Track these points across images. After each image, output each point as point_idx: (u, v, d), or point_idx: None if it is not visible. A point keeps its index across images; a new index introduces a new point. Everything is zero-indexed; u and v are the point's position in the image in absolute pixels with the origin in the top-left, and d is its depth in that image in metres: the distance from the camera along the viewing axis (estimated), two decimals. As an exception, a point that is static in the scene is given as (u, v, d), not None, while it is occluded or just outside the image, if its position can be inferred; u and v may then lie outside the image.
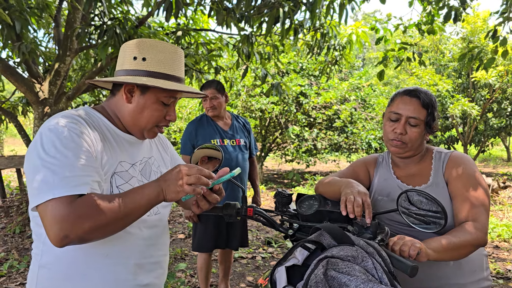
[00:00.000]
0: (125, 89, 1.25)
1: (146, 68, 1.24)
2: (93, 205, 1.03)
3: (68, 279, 1.16)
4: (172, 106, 1.31)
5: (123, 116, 1.29)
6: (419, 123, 1.51)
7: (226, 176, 1.23)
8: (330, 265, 1.07)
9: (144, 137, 1.34)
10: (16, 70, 4.99)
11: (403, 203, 1.28)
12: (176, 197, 1.12)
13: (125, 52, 1.29)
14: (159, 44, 1.28)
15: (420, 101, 1.51)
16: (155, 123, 1.30)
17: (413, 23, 4.18)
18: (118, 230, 1.11)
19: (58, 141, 1.07)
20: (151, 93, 1.25)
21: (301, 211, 1.47)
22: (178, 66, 1.31)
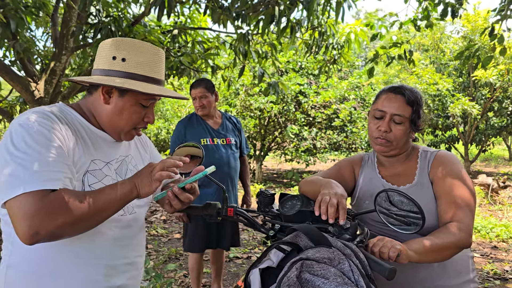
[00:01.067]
0: (102, 90, 1.22)
1: (126, 70, 1.21)
2: (65, 200, 1.01)
3: (37, 279, 1.14)
4: (150, 108, 1.29)
5: (100, 116, 1.26)
6: (404, 121, 1.47)
7: (198, 174, 1.20)
8: (304, 268, 1.03)
9: (121, 139, 1.31)
10: (11, 68, 4.96)
11: (383, 203, 1.25)
12: (149, 190, 1.10)
13: (103, 51, 1.26)
14: (139, 45, 1.24)
15: (405, 98, 1.47)
16: (133, 125, 1.27)
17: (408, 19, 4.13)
18: (91, 227, 1.09)
19: (28, 136, 1.05)
20: (130, 95, 1.22)
21: (284, 211, 1.43)
22: (158, 68, 1.28)
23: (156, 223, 6.13)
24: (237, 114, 9.73)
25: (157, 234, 5.50)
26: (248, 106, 9.51)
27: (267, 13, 4.43)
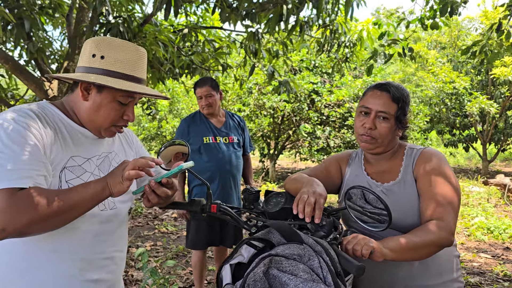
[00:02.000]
0: (81, 87, 1.25)
1: (104, 67, 1.23)
2: (33, 198, 1.03)
3: (16, 272, 1.17)
4: (130, 106, 1.30)
5: (79, 113, 1.29)
6: (389, 118, 1.46)
7: (174, 169, 1.21)
8: (273, 264, 1.04)
9: (102, 136, 1.33)
10: (25, 68, 5.09)
11: (358, 201, 1.25)
12: (121, 189, 1.12)
13: (85, 49, 1.29)
14: (120, 43, 1.27)
15: (390, 95, 1.46)
16: (111, 122, 1.29)
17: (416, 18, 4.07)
18: (60, 225, 1.11)
19: (4, 135, 1.08)
20: (108, 92, 1.24)
21: (268, 208, 1.44)
22: (138, 66, 1.29)
23: (167, 220, 6.20)
24: (251, 113, 9.75)
25: (166, 232, 5.56)
26: (262, 105, 9.51)
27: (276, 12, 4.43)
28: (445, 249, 1.34)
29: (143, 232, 5.49)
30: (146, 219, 6.27)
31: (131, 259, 4.24)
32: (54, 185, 1.16)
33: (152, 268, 2.45)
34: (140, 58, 1.30)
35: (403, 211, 1.41)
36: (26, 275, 1.17)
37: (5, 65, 4.93)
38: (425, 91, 11.22)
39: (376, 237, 1.24)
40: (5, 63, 4.85)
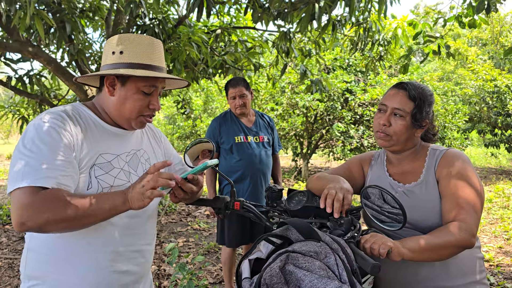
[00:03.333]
0: (106, 83, 1.33)
1: (124, 61, 1.31)
2: (55, 199, 1.11)
3: (52, 263, 1.26)
4: (154, 95, 1.37)
5: (109, 110, 1.37)
6: (405, 115, 1.46)
7: (199, 166, 1.26)
8: (290, 260, 1.07)
9: (133, 128, 1.40)
10: (67, 69, 5.33)
11: (376, 201, 1.25)
12: (141, 205, 1.15)
13: (105, 49, 1.38)
14: (135, 37, 1.35)
15: (407, 93, 1.46)
16: (138, 113, 1.35)
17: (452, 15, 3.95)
18: (79, 228, 1.18)
19: (36, 136, 1.17)
20: (131, 83, 1.32)
21: (290, 206, 1.47)
22: (156, 55, 1.36)
23: (200, 217, 6.32)
24: (283, 112, 9.75)
25: (199, 228, 5.68)
26: (295, 104, 9.50)
27: (307, 11, 4.43)
28: (467, 251, 1.32)
29: (176, 229, 5.63)
30: (180, 215, 6.41)
31: (164, 254, 4.36)
32: (84, 181, 1.24)
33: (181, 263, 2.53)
34: (156, 47, 1.37)
35: (424, 212, 1.40)
36: (62, 266, 1.26)
37: (48, 67, 5.17)
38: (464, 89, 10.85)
39: (397, 237, 1.24)
40: (48, 64, 5.10)
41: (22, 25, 3.56)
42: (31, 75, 5.65)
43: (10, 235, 5.14)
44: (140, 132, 1.53)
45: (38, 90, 6.20)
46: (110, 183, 1.29)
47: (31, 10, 3.39)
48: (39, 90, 6.20)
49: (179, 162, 1.67)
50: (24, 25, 3.54)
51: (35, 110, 6.88)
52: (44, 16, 3.70)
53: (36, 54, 4.95)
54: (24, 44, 4.81)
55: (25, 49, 4.83)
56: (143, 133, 1.54)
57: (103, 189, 1.27)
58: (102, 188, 1.27)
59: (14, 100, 6.77)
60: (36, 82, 5.67)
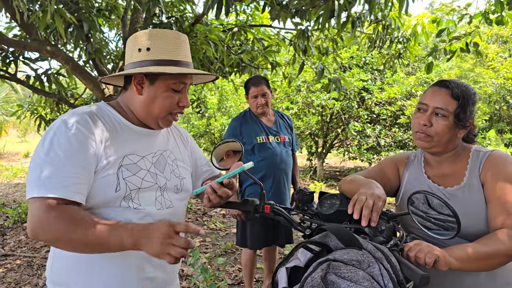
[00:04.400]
0: (134, 81, 1.28)
1: (152, 58, 1.26)
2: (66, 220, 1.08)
3: (77, 266, 1.22)
4: (184, 92, 1.32)
5: (135, 109, 1.32)
6: (448, 115, 1.38)
7: (236, 170, 1.21)
8: (331, 269, 1.01)
9: (160, 127, 1.35)
10: (84, 68, 5.34)
11: (421, 206, 1.18)
12: (155, 257, 1.07)
13: (130, 45, 1.33)
14: (161, 33, 1.29)
15: (450, 92, 1.38)
16: (168, 111, 1.31)
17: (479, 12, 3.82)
18: (85, 252, 1.16)
19: (56, 139, 1.13)
20: (160, 81, 1.27)
21: (322, 210, 1.41)
22: (183, 51, 1.31)
23: (216, 217, 6.29)
24: (299, 111, 9.66)
25: (215, 228, 5.64)
26: (310, 103, 9.41)
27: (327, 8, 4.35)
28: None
29: (193, 228, 5.59)
30: (196, 215, 6.39)
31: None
32: (112, 183, 1.19)
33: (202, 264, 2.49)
34: (183, 42, 1.32)
35: (468, 218, 1.32)
36: (88, 273, 1.21)
37: (66, 66, 5.18)
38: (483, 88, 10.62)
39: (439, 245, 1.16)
40: (66, 63, 5.11)
41: (42, 23, 3.55)
42: (49, 74, 5.67)
43: (29, 233, 5.17)
44: (166, 132, 1.48)
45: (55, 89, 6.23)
46: (137, 185, 1.24)
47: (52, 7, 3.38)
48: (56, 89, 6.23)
49: (206, 164, 1.62)
50: (44, 23, 3.53)
51: (53, 109, 6.93)
52: (64, 14, 3.70)
53: (54, 53, 4.96)
54: (42, 43, 4.82)
55: (43, 48, 4.84)
56: (169, 133, 1.50)
57: (131, 191, 1.22)
58: (130, 190, 1.22)
59: (32, 99, 6.81)
60: (54, 80, 5.68)
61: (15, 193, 8.11)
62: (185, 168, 1.47)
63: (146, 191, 1.25)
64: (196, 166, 1.57)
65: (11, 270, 3.95)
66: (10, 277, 3.77)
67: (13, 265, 4.06)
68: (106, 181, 1.18)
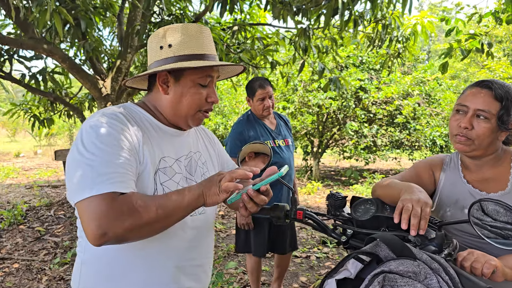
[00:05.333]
0: (159, 81, 1.21)
1: (174, 54, 1.19)
2: (134, 204, 0.99)
3: (108, 278, 1.14)
4: (211, 87, 1.25)
5: (163, 109, 1.25)
6: (490, 117, 1.31)
7: (274, 176, 1.14)
8: (387, 282, 0.94)
9: (190, 126, 1.28)
10: (81, 67, 5.23)
11: (475, 213, 1.11)
12: (216, 200, 1.06)
13: (151, 44, 1.26)
14: (181, 27, 1.22)
15: (492, 93, 1.31)
16: (197, 108, 1.24)
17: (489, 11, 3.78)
18: (156, 232, 1.06)
19: (97, 138, 1.05)
20: (186, 77, 1.20)
21: (356, 216, 1.34)
22: (206, 44, 1.24)
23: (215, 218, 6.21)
24: (295, 110, 9.61)
25: (215, 230, 5.56)
26: (306, 102, 9.36)
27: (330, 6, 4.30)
28: None
29: (192, 230, 5.52)
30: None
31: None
32: (149, 188, 1.12)
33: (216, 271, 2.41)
34: (205, 35, 1.25)
35: None
36: (119, 283, 1.13)
37: (63, 64, 5.07)
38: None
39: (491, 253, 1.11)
40: (63, 62, 4.99)
41: (41, 21, 3.44)
42: (45, 73, 5.54)
43: (26, 235, 5.04)
44: (195, 134, 1.41)
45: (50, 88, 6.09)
46: (173, 190, 1.17)
47: (52, 6, 3.27)
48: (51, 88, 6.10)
49: (233, 167, 1.55)
50: (44, 22, 3.42)
51: (47, 108, 6.79)
52: (63, 12, 3.59)
53: (51, 51, 4.84)
54: (39, 41, 4.70)
55: (40, 46, 4.73)
56: (197, 134, 1.42)
57: None
58: None
59: (25, 98, 6.67)
60: (50, 79, 5.55)
61: (8, 194, 7.94)
62: (214, 171, 1.40)
63: None
64: (223, 170, 1.50)
65: (10, 274, 3.84)
66: (9, 281, 3.66)
67: (11, 269, 3.94)
68: (144, 186, 1.11)
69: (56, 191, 8.18)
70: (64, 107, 6.56)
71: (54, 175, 10.85)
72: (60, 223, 5.60)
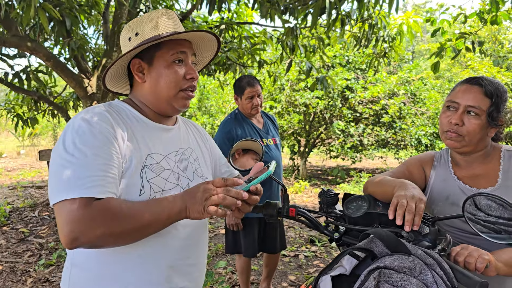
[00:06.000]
0: (134, 70, 1.21)
1: (142, 39, 1.19)
2: (109, 211, 0.97)
3: (99, 279, 1.11)
4: (187, 64, 1.23)
5: (147, 100, 1.23)
6: (480, 114, 1.33)
7: (264, 175, 1.13)
8: (382, 277, 0.94)
9: (176, 109, 1.25)
10: (66, 66, 5.14)
11: (468, 208, 1.12)
12: (200, 217, 1.04)
13: (122, 39, 1.26)
14: (146, 16, 1.22)
15: (483, 89, 1.33)
16: (177, 87, 1.21)
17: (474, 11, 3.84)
18: (134, 241, 1.05)
19: (78, 138, 1.03)
20: (158, 59, 1.19)
21: (348, 212, 1.35)
22: (171, 23, 1.23)
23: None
24: (282, 110, 9.63)
25: (203, 229, 5.53)
26: (293, 102, 9.38)
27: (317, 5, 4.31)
28: None
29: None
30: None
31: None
32: (136, 186, 1.10)
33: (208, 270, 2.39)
34: (172, 16, 1.24)
35: None
36: (111, 283, 1.11)
37: (47, 63, 4.98)
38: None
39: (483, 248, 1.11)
40: (47, 60, 4.90)
41: (26, 17, 3.36)
42: (28, 71, 5.43)
43: (9, 237, 4.93)
44: (186, 130, 1.39)
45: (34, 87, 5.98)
46: (161, 187, 1.15)
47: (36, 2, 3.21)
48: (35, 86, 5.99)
49: (225, 164, 1.53)
50: (28, 18, 3.35)
51: (31, 108, 6.66)
52: (48, 8, 3.52)
53: (35, 49, 4.75)
54: (22, 39, 4.61)
55: (23, 44, 4.63)
56: (188, 131, 1.40)
57: (155, 194, 1.13)
58: (155, 192, 1.13)
59: (9, 97, 6.53)
60: (33, 78, 5.45)
61: (-10, 195, 7.78)
62: (206, 168, 1.38)
63: (169, 193, 1.16)
64: (215, 166, 1.48)
65: (-7, 277, 3.75)
66: (-9, 284, 3.58)
67: (-6, 272, 3.86)
68: (129, 184, 1.08)
69: (40, 191, 8.04)
70: (49, 106, 6.45)
71: (38, 175, 10.66)
72: (45, 224, 5.50)
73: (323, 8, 4.26)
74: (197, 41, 1.32)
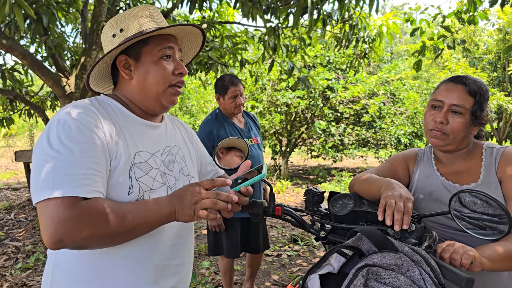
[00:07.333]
0: (120, 67, 1.18)
1: (127, 35, 1.16)
2: (96, 212, 0.94)
3: (83, 281, 1.07)
4: (175, 59, 1.21)
5: (134, 97, 1.20)
6: (464, 112, 1.35)
7: (257, 177, 1.12)
8: (370, 275, 0.94)
9: (165, 107, 1.23)
10: (43, 64, 5.02)
11: (454, 204, 1.13)
12: (189, 221, 1.03)
13: (104, 36, 1.23)
14: (129, 12, 1.20)
15: (466, 88, 1.35)
16: (165, 83, 1.19)
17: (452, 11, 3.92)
18: (120, 243, 1.03)
19: (63, 134, 0.98)
20: (145, 55, 1.17)
21: (334, 211, 1.34)
22: (155, 18, 1.21)
23: (184, 218, 6.12)
24: (264, 110, 9.64)
25: (185, 230, 5.48)
26: (275, 102, 9.40)
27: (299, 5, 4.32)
28: None
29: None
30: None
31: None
32: (124, 184, 1.06)
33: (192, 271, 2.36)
34: (155, 11, 1.22)
35: None
36: (96, 285, 1.07)
37: (23, 61, 4.85)
38: (439, 87, 11.02)
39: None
40: (24, 58, 4.77)
41: (1, 14, 3.26)
42: (3, 70, 5.28)
43: (-17, 241, 4.79)
44: (173, 127, 1.36)
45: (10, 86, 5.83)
46: (149, 185, 1.12)
47: (12, -2, 3.11)
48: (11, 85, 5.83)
49: (210, 163, 1.51)
50: (3, 15, 3.25)
51: (6, 107, 6.49)
52: (24, 5, 3.42)
53: (11, 47, 4.61)
54: (-3, 36, 4.47)
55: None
56: (175, 128, 1.38)
57: (144, 193, 1.10)
58: (143, 192, 1.10)
59: (-17, 97, 6.34)
60: (9, 77, 5.30)
61: (-37, 198, 7.54)
62: (193, 167, 1.36)
63: (156, 192, 1.13)
64: (201, 165, 1.46)
65: (-34, 282, 3.63)
66: (-35, 290, 3.46)
67: (-32, 277, 3.73)
68: (117, 183, 1.05)
69: (16, 193, 7.84)
70: (25, 106, 6.29)
71: (13, 177, 10.40)
72: (22, 226, 5.36)
73: (305, 8, 4.27)
74: (182, 37, 1.30)
